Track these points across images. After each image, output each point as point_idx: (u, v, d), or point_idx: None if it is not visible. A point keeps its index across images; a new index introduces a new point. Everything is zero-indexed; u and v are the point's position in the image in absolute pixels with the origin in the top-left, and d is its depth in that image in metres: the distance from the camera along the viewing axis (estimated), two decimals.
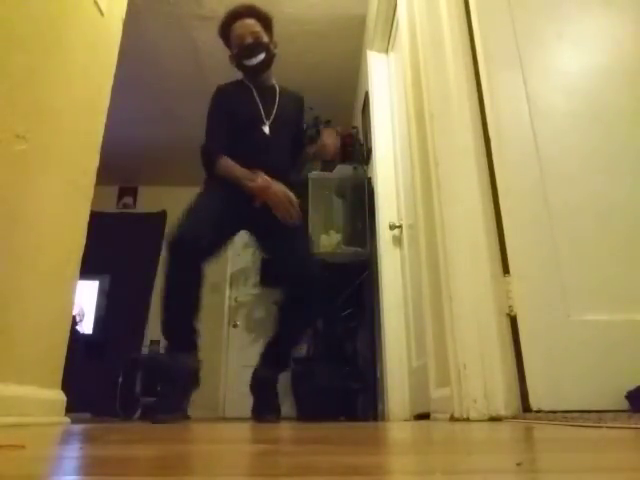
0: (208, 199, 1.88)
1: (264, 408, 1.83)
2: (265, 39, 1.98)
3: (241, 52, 1.96)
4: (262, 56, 1.96)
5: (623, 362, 1.24)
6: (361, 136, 3.47)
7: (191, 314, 1.75)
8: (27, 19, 1.39)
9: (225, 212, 1.82)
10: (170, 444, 0.71)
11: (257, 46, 1.96)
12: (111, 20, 1.90)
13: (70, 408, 1.53)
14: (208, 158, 1.94)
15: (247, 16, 1.97)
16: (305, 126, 2.31)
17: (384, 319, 2.43)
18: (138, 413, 4.20)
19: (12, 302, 1.30)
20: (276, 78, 2.14)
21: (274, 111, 1.98)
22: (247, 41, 1.95)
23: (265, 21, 2.01)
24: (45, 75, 1.47)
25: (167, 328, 1.77)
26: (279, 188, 1.83)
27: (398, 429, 1.15)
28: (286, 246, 1.89)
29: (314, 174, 3.18)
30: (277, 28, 2.64)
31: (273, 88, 2.07)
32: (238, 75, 2.08)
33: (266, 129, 1.95)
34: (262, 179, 1.82)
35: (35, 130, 1.40)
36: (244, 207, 1.83)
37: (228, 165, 1.88)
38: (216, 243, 1.81)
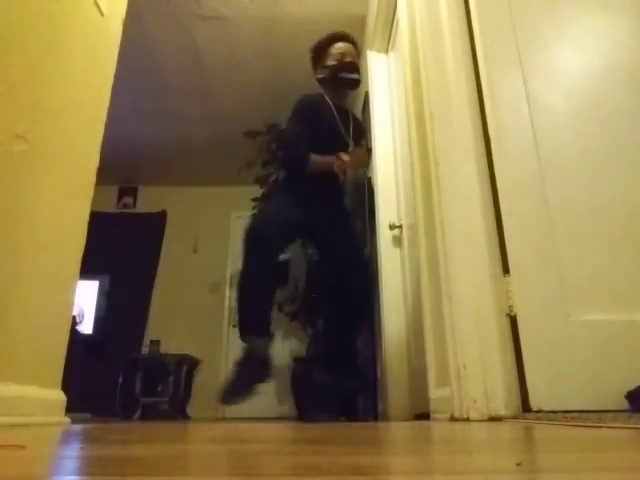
0: (279, 205, 2.04)
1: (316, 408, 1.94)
2: (359, 65, 2.23)
3: (340, 66, 2.16)
4: (357, 76, 2.20)
5: (623, 362, 1.24)
6: None
7: (268, 302, 1.86)
8: (27, 19, 1.39)
9: (291, 219, 1.98)
10: (170, 444, 0.71)
11: (355, 66, 2.20)
12: (111, 20, 1.90)
13: (70, 408, 1.53)
14: (299, 160, 2.05)
15: (348, 41, 2.23)
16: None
17: (384, 319, 2.43)
18: (138, 413, 4.20)
19: (12, 302, 1.30)
20: (277, 79, 2.15)
21: (351, 132, 2.19)
22: (347, 59, 2.17)
23: (358, 50, 2.27)
24: (45, 75, 1.47)
25: (244, 314, 1.82)
26: (355, 155, 2.06)
27: (398, 429, 1.15)
28: (342, 246, 2.07)
29: None
30: (277, 28, 2.65)
31: (347, 111, 2.27)
32: (240, 77, 2.10)
33: (350, 144, 2.15)
34: (345, 157, 2.02)
35: (35, 130, 1.40)
36: (309, 216, 2.01)
37: (316, 160, 2.03)
38: (282, 242, 1.98)
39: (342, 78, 2.15)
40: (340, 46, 2.19)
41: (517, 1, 1.62)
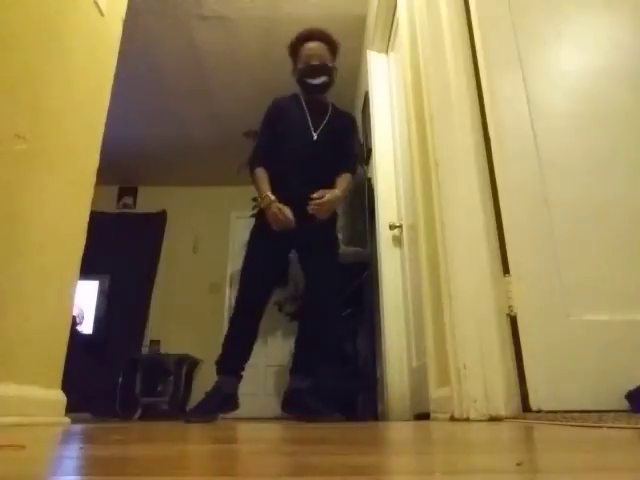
0: (256, 248, 2.07)
1: (315, 411, 1.93)
2: (330, 64, 2.14)
3: (306, 70, 2.12)
4: (324, 79, 2.13)
5: (623, 362, 1.24)
6: (361, 136, 3.47)
7: (247, 351, 2.00)
8: (27, 19, 1.39)
9: (274, 254, 2.05)
10: (170, 444, 0.71)
11: (322, 68, 2.12)
12: (111, 20, 1.89)
13: (70, 408, 1.53)
14: (250, 163, 2.14)
15: (319, 39, 2.14)
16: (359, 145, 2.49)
17: (384, 319, 2.43)
18: (138, 413, 4.20)
19: (12, 302, 1.30)
20: (278, 79, 2.16)
21: (322, 124, 2.14)
22: (314, 62, 2.10)
23: (333, 47, 2.17)
24: (45, 75, 1.47)
25: (226, 354, 2.00)
26: (275, 209, 1.99)
27: (398, 429, 1.15)
28: (314, 263, 2.10)
29: None
30: (277, 28, 2.65)
31: (326, 105, 2.22)
32: (240, 77, 2.11)
33: (314, 136, 2.10)
34: (266, 200, 2.01)
35: (35, 130, 1.39)
36: (286, 237, 2.02)
37: (259, 177, 2.08)
38: (271, 279, 2.08)
39: (308, 84, 2.13)
40: (309, 47, 2.12)
41: (517, 1, 1.62)
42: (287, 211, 1.99)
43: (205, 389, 1.97)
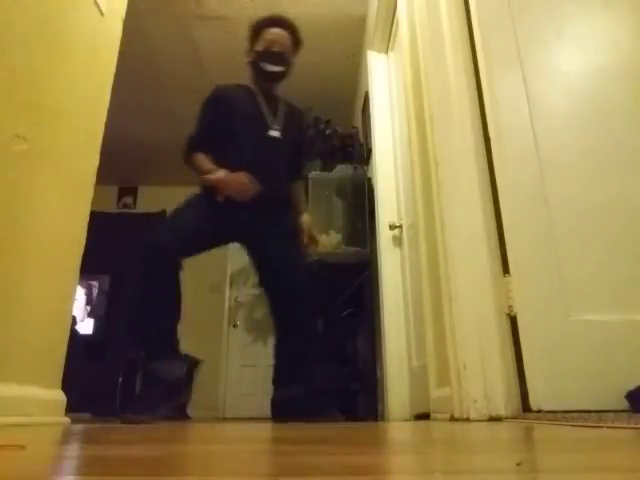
0: (192, 209, 1.90)
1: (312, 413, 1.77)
2: (288, 56, 2.05)
3: (265, 55, 2.01)
4: (280, 68, 2.03)
5: (623, 362, 1.24)
6: (361, 136, 3.47)
7: (172, 321, 1.72)
8: (27, 19, 1.39)
9: (206, 226, 1.84)
10: (170, 444, 0.71)
11: (281, 57, 2.02)
12: (111, 20, 1.89)
13: (70, 408, 1.53)
14: (186, 149, 1.99)
15: (284, 27, 2.05)
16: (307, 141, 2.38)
17: (384, 319, 2.43)
18: None
19: (12, 302, 1.30)
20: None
21: (278, 119, 2.02)
22: (275, 48, 2.01)
23: (296, 41, 2.09)
24: (45, 75, 1.47)
25: (147, 337, 1.74)
26: (228, 181, 1.83)
27: (398, 429, 1.15)
28: (276, 258, 1.92)
29: (314, 174, 3.18)
30: None
31: (277, 98, 2.11)
32: (240, 77, 2.09)
33: (275, 133, 1.98)
34: (219, 173, 1.84)
35: (35, 130, 1.39)
36: (230, 220, 1.86)
37: (199, 159, 1.93)
38: (189, 253, 1.82)
39: (262, 69, 2.01)
40: (273, 32, 2.02)
41: (517, 1, 1.62)
42: (245, 176, 1.82)
43: (205, 389, 1.94)
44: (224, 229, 1.90)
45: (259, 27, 2.06)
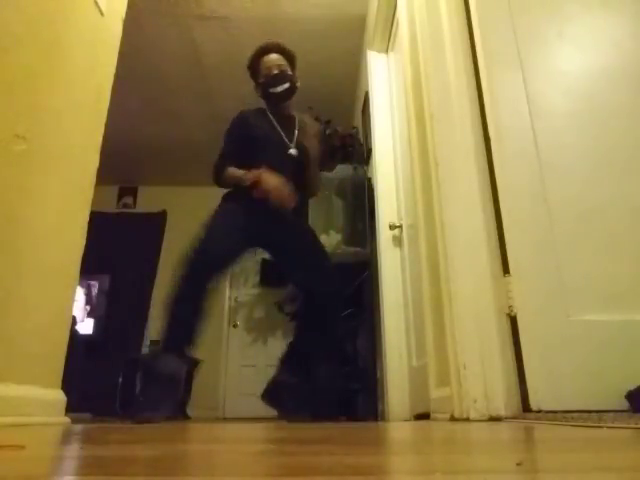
0: (223, 218, 2.01)
1: (291, 409, 1.90)
2: (289, 72, 2.19)
3: (268, 81, 2.16)
4: (286, 85, 2.16)
5: (623, 362, 1.24)
6: (361, 136, 3.47)
7: (196, 324, 1.81)
8: (26, 19, 1.39)
9: (239, 231, 1.94)
10: (170, 444, 0.71)
11: (282, 76, 2.17)
12: (111, 20, 1.89)
13: (70, 408, 1.53)
14: (216, 171, 2.09)
15: (275, 52, 2.19)
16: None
17: (384, 319, 2.43)
18: None
19: (12, 302, 1.30)
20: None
21: (294, 137, 2.15)
22: (274, 72, 2.16)
23: (290, 58, 2.23)
24: (45, 75, 1.47)
25: (168, 330, 1.84)
26: (270, 177, 1.94)
27: (398, 429, 1.15)
28: (303, 262, 2.07)
29: None
30: (277, 28, 2.63)
31: (292, 117, 2.24)
32: (240, 77, 2.13)
33: (293, 151, 2.11)
34: (253, 173, 1.94)
35: (35, 130, 1.39)
36: (259, 224, 1.96)
37: (231, 170, 2.03)
38: (228, 263, 1.97)
39: (273, 93, 2.16)
40: (266, 60, 2.18)
41: (517, 1, 1.62)
42: (284, 182, 1.94)
43: (205, 389, 1.95)
44: (256, 235, 2.00)
45: (253, 62, 2.21)
